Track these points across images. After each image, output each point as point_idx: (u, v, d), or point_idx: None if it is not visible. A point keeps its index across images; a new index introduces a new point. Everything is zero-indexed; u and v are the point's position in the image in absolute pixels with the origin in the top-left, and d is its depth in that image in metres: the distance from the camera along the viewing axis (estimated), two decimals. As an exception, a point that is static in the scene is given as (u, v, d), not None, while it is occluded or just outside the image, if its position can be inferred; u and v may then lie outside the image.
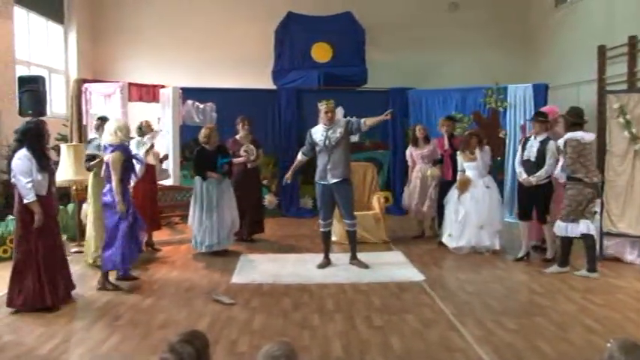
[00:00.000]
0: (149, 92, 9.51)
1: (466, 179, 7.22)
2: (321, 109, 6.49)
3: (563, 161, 6.23)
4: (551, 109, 7.17)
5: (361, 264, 6.56)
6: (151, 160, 7.33)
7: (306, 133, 6.74)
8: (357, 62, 11.19)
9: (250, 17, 11.67)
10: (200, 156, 7.16)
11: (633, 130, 6.61)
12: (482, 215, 7.10)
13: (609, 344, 2.27)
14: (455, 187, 7.31)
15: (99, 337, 4.45)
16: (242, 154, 7.79)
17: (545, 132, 6.66)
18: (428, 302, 5.29)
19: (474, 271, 6.43)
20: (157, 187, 7.75)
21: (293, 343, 2.51)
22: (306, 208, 10.47)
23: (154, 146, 7.54)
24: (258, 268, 6.65)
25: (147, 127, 7.51)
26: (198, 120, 9.50)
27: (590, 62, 9.03)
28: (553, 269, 6.22)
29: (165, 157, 8.07)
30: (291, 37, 11.25)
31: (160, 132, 8.71)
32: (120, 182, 5.56)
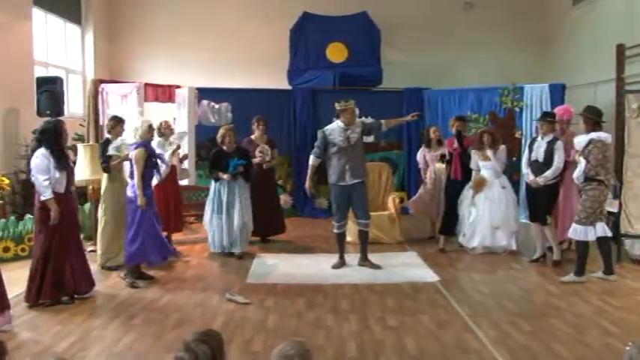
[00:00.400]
0: (165, 92, 9.58)
1: (481, 179, 7.16)
2: (344, 108, 6.42)
3: (585, 163, 5.81)
4: (566, 109, 7.04)
5: (372, 265, 6.54)
6: (174, 160, 7.41)
7: (319, 134, 6.64)
8: (372, 62, 11.16)
9: (266, 17, 11.70)
10: (214, 157, 7.20)
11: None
12: (497, 216, 7.04)
13: (628, 347, 2.24)
14: (469, 186, 7.26)
15: (114, 335, 4.49)
16: (257, 154, 7.80)
17: (553, 132, 6.53)
18: (443, 303, 5.26)
19: (489, 272, 6.39)
20: (179, 188, 7.82)
21: (307, 343, 2.52)
22: (321, 208, 10.45)
23: (180, 147, 7.58)
24: (272, 268, 6.67)
25: (166, 128, 7.54)
26: (213, 120, 9.55)
27: (608, 61, 8.91)
28: (569, 278, 5.92)
29: (185, 156, 8.15)
30: (307, 37, 11.25)
31: (186, 133, 8.73)
32: (142, 177, 5.76)
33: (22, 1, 8.99)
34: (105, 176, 6.58)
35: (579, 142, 5.99)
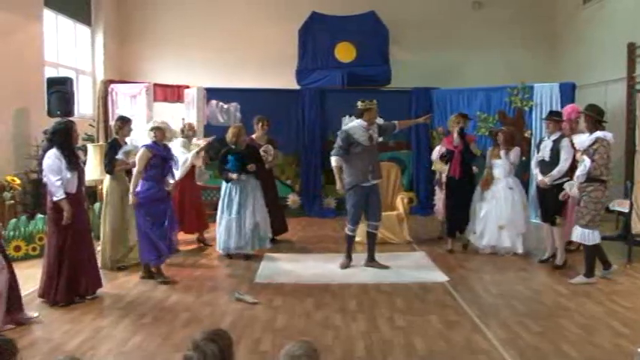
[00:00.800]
0: (174, 92, 9.64)
1: (489, 176, 7.17)
2: (368, 108, 6.27)
3: (590, 162, 5.66)
4: (573, 108, 6.97)
5: (380, 265, 6.51)
6: (198, 161, 7.46)
7: (342, 134, 6.35)
8: (380, 62, 11.15)
9: (274, 17, 11.73)
10: (224, 157, 7.08)
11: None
12: (502, 215, 7.00)
13: None
14: (480, 184, 7.26)
15: (124, 334, 4.52)
16: (262, 154, 7.78)
17: (560, 131, 6.45)
18: (451, 303, 5.25)
19: (499, 273, 6.36)
20: (198, 187, 7.93)
21: (315, 342, 2.52)
22: (329, 208, 10.46)
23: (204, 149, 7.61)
24: (280, 267, 6.68)
25: (189, 130, 7.74)
26: (222, 120, 9.59)
27: (618, 60, 8.87)
28: (579, 280, 5.84)
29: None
30: (315, 37, 11.26)
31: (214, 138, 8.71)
32: (138, 175, 5.85)
33: (33, 2, 9.07)
34: (108, 178, 6.55)
35: (582, 140, 5.85)
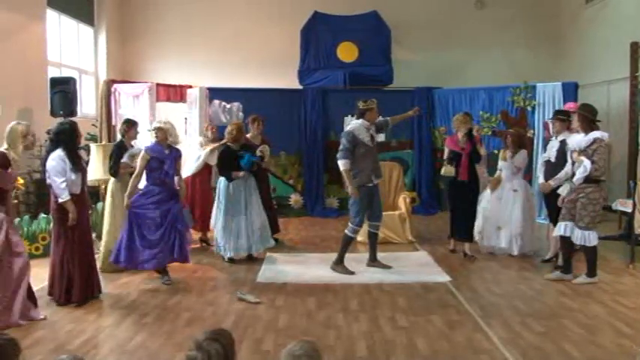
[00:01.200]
0: (176, 92, 9.65)
1: (498, 177, 7.16)
2: (369, 107, 6.23)
3: (589, 163, 5.55)
4: (576, 105, 6.92)
5: (382, 265, 6.50)
6: (213, 160, 7.49)
7: (347, 136, 6.17)
8: (382, 62, 11.14)
9: (276, 17, 11.74)
10: (224, 155, 6.85)
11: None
12: (501, 216, 6.98)
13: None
14: (488, 186, 7.25)
15: (126, 334, 4.53)
16: (258, 154, 7.70)
17: (567, 131, 6.32)
18: (453, 303, 5.24)
19: (501, 273, 6.35)
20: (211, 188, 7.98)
21: (317, 342, 2.52)
22: (331, 207, 10.46)
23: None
24: (282, 267, 6.68)
25: (207, 130, 8.00)
26: (225, 120, 9.57)
27: (621, 60, 8.84)
28: (581, 280, 5.83)
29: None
30: (317, 36, 11.25)
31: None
32: (135, 178, 5.86)
33: (36, 2, 9.09)
34: (112, 179, 6.54)
35: (579, 141, 5.71)
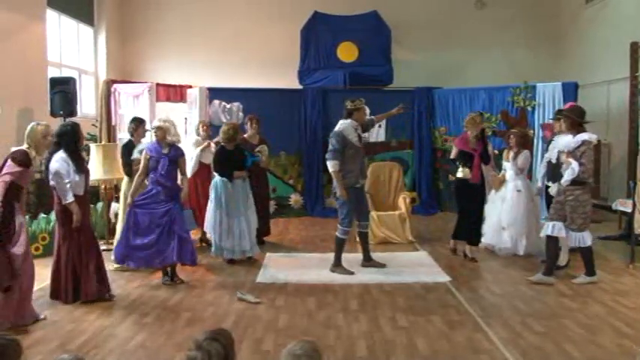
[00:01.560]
0: (176, 92, 9.66)
1: (502, 177, 7.16)
2: (358, 107, 6.22)
3: (577, 166, 5.55)
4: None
5: (377, 264, 6.49)
6: (208, 159, 7.46)
7: (337, 137, 6.13)
8: (382, 62, 11.14)
9: (276, 17, 11.74)
10: (221, 156, 6.79)
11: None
12: (506, 216, 6.98)
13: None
14: (493, 186, 7.24)
15: (126, 333, 4.53)
16: (256, 154, 7.70)
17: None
18: (454, 303, 5.24)
19: (501, 273, 6.35)
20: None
21: (318, 342, 2.52)
22: (331, 207, 10.41)
23: (210, 145, 7.60)
24: (282, 267, 6.67)
25: (200, 129, 7.99)
26: (225, 120, 9.58)
27: (621, 60, 8.84)
28: (581, 279, 5.84)
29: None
30: (317, 36, 11.25)
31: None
32: (138, 177, 5.88)
33: (36, 2, 9.08)
34: (126, 177, 6.60)
35: (568, 142, 5.71)
